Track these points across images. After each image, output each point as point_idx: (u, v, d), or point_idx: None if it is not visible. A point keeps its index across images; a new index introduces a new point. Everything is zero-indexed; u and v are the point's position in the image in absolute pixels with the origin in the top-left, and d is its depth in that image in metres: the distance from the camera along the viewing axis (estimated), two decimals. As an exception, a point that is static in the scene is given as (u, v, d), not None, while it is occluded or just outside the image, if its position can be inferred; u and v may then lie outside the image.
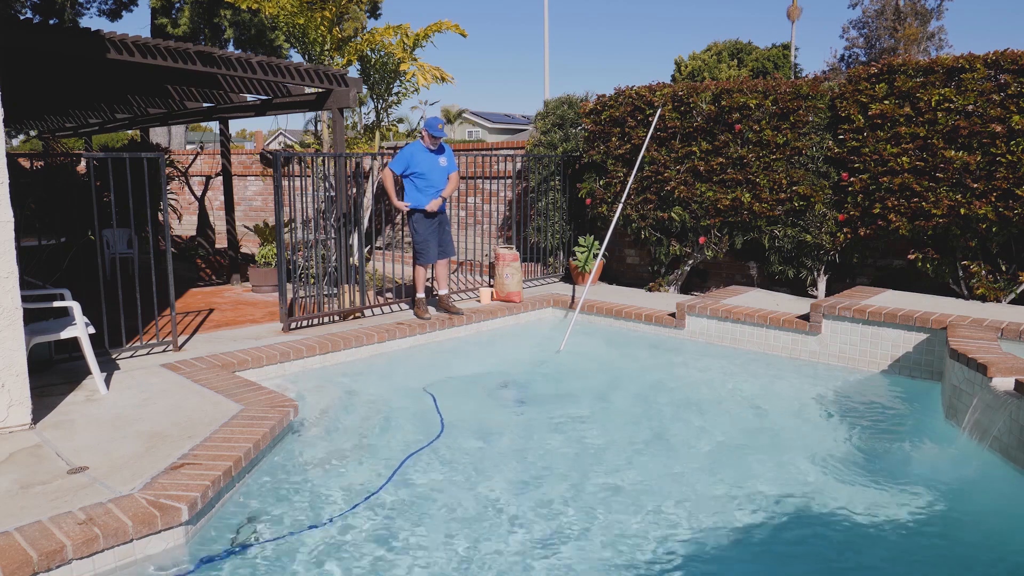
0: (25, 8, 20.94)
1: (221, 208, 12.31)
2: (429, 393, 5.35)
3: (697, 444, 4.48)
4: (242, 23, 20.87)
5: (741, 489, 3.82)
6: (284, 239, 6.27)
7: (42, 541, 2.77)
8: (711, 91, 7.68)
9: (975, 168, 6.16)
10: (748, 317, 6.43)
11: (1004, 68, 6.07)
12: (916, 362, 5.61)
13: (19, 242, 4.00)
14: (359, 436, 4.58)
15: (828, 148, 7.08)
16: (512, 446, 4.42)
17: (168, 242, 5.57)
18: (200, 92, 8.19)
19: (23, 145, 27.84)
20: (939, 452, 4.37)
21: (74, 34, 5.32)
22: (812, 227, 7.20)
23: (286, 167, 6.78)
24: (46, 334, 4.49)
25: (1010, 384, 4.12)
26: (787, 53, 41.88)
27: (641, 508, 3.60)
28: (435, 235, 6.85)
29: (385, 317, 6.92)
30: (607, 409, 5.14)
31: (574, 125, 9.20)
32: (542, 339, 7.12)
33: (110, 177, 5.26)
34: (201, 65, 6.00)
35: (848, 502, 3.66)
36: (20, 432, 3.94)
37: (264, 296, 8.26)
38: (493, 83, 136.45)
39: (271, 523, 3.40)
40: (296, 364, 5.64)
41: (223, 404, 4.39)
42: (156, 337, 5.68)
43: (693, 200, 7.80)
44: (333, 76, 6.96)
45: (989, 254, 6.43)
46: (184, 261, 10.62)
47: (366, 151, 9.21)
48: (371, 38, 8.74)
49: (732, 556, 3.22)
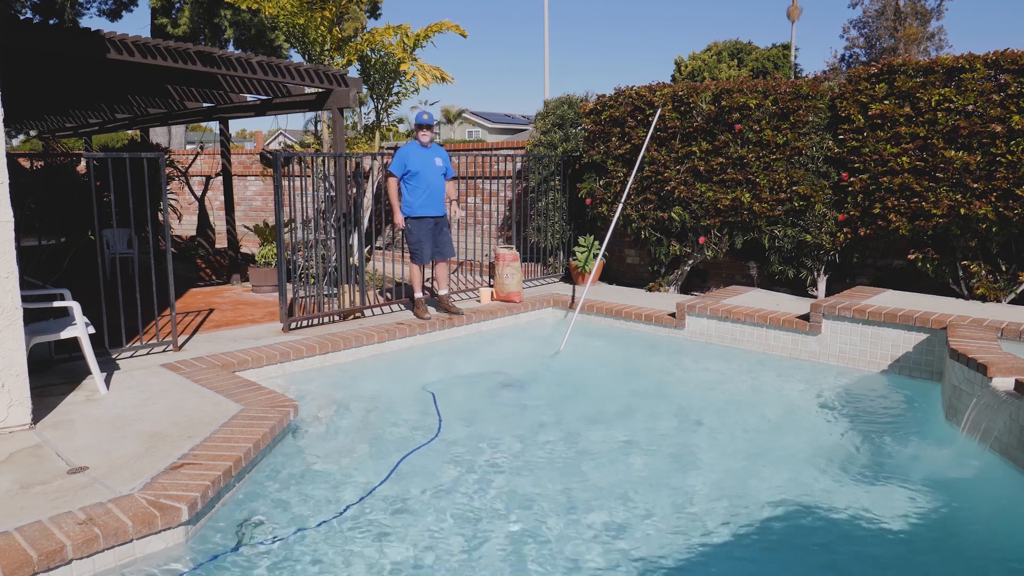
0: (25, 8, 20.94)
1: (221, 208, 12.31)
2: (429, 392, 5.35)
3: (696, 444, 4.48)
4: (242, 23, 20.87)
5: (740, 488, 3.82)
6: (284, 239, 6.27)
7: (42, 541, 2.78)
8: (711, 91, 7.68)
9: (975, 168, 6.16)
10: (748, 317, 6.43)
11: (1004, 68, 6.07)
12: (916, 362, 5.61)
13: (19, 242, 4.00)
14: (359, 436, 4.58)
15: (828, 148, 7.08)
16: (512, 446, 4.42)
17: (168, 242, 5.57)
18: (200, 92, 8.20)
19: (23, 145, 27.84)
20: (939, 452, 4.37)
21: (74, 34, 5.32)
22: (812, 227, 7.20)
23: (286, 167, 6.78)
24: (46, 334, 4.49)
25: (1010, 384, 4.12)
26: (787, 53, 41.89)
27: (638, 508, 3.60)
28: (429, 236, 6.85)
29: (385, 317, 6.92)
30: (607, 409, 5.14)
31: (574, 125, 9.20)
32: (542, 339, 7.12)
33: (110, 177, 5.26)
34: (201, 65, 6.01)
35: (848, 502, 3.66)
36: (20, 432, 3.94)
37: (264, 296, 8.26)
38: (493, 83, 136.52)
39: (271, 523, 3.40)
40: (296, 364, 5.64)
41: (223, 404, 4.39)
42: (156, 337, 5.68)
43: (693, 200, 7.80)
44: (333, 76, 6.97)
45: (989, 254, 6.43)
46: (184, 261, 10.63)
47: (366, 151, 9.21)
48: (371, 38, 8.74)
49: (730, 555, 3.22)
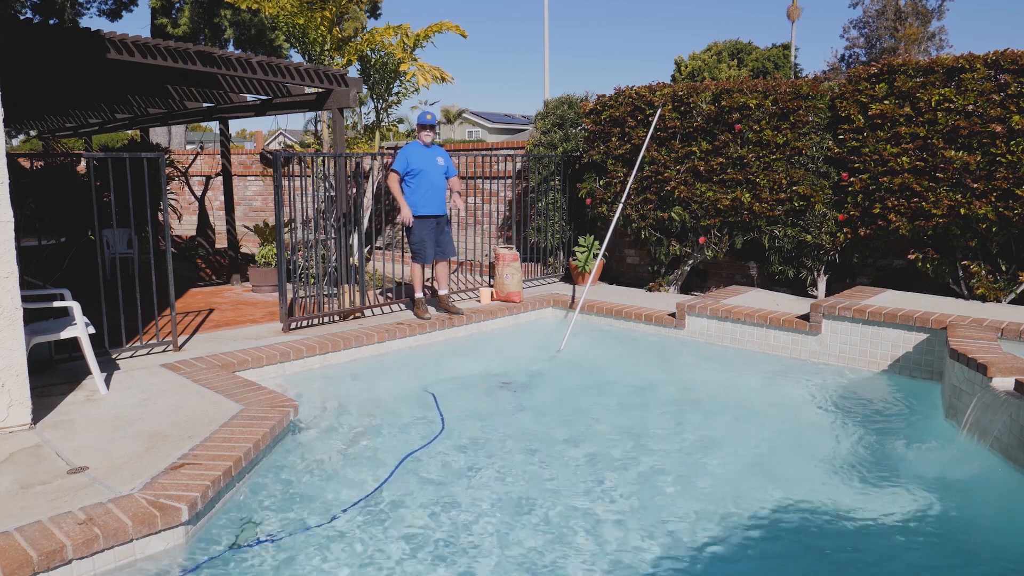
0: (25, 8, 20.94)
1: (221, 208, 12.31)
2: (430, 393, 5.35)
3: (696, 443, 4.48)
4: (242, 23, 20.87)
5: (740, 488, 3.82)
6: (284, 239, 6.27)
7: (42, 541, 2.78)
8: (711, 91, 7.68)
9: (975, 168, 6.16)
10: (748, 317, 6.43)
11: (1004, 68, 6.07)
12: (916, 362, 5.61)
13: (19, 242, 4.00)
14: (359, 436, 4.59)
15: (828, 148, 7.08)
16: (512, 446, 4.42)
17: (168, 242, 5.57)
18: (200, 92, 8.20)
19: (23, 145, 27.84)
20: (939, 452, 4.37)
21: (74, 34, 5.32)
22: (812, 227, 7.20)
23: (286, 167, 6.77)
24: (46, 334, 4.49)
25: (1010, 384, 4.12)
26: (787, 53, 41.90)
27: (636, 507, 3.60)
28: (432, 235, 6.85)
29: (385, 317, 6.92)
30: (607, 408, 5.14)
31: (574, 125, 9.20)
32: (542, 339, 7.12)
33: (110, 177, 5.26)
34: (201, 65, 6.00)
35: (848, 501, 3.66)
36: (20, 432, 3.94)
37: (264, 296, 8.26)
38: (493, 83, 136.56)
39: (271, 523, 3.40)
40: (296, 364, 5.64)
41: (223, 404, 4.39)
42: (156, 337, 5.68)
43: (693, 200, 7.80)
44: (333, 76, 6.97)
45: (989, 254, 6.43)
46: (184, 261, 10.63)
47: (366, 151, 9.21)
48: (371, 38, 8.74)
49: (730, 555, 3.22)
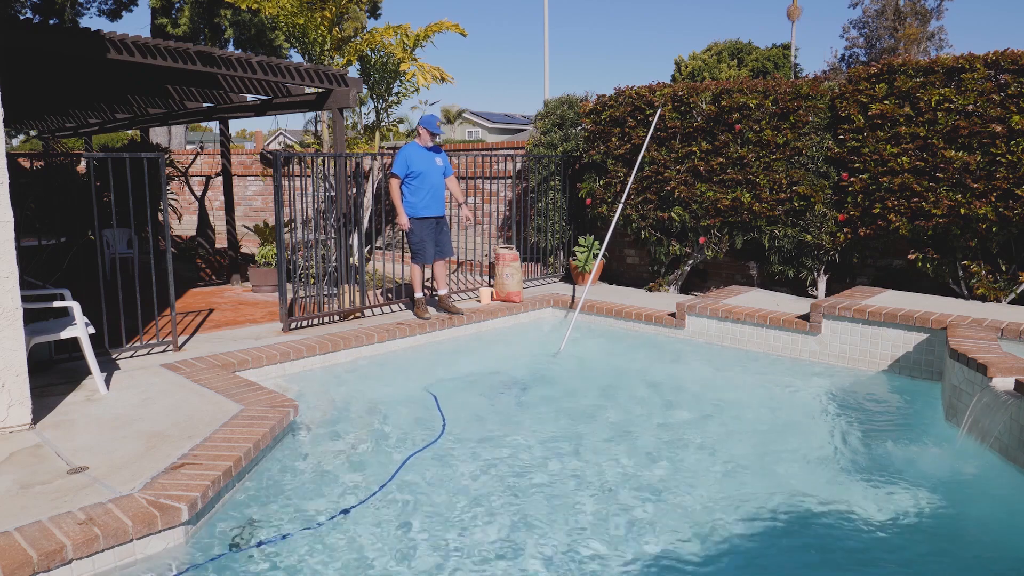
0: (25, 8, 20.94)
1: (221, 208, 12.31)
2: (431, 393, 5.35)
3: (696, 444, 4.48)
4: (242, 23, 20.87)
5: (740, 488, 3.82)
6: (284, 239, 6.27)
7: (42, 541, 2.78)
8: (711, 91, 7.68)
9: (975, 168, 6.16)
10: (748, 317, 6.43)
11: (1004, 68, 6.07)
12: (916, 362, 5.61)
13: (19, 242, 4.00)
14: (360, 436, 4.59)
15: (828, 148, 7.08)
16: (513, 446, 4.41)
17: (168, 242, 5.57)
18: (200, 92, 8.19)
19: (23, 145, 27.84)
20: (939, 452, 4.37)
21: (74, 34, 5.32)
22: (812, 227, 7.19)
23: (286, 167, 6.77)
24: (46, 334, 4.48)
25: (1010, 384, 4.12)
26: (787, 53, 41.88)
27: (635, 507, 3.60)
28: (432, 235, 6.85)
29: (385, 317, 6.92)
30: (607, 409, 5.14)
31: (574, 125, 9.20)
32: (542, 339, 7.12)
33: (110, 177, 5.27)
34: (201, 65, 6.00)
35: (847, 502, 3.65)
36: (20, 432, 3.94)
37: (264, 296, 8.26)
38: (493, 83, 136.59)
39: (271, 523, 3.39)
40: (296, 364, 5.64)
41: (223, 404, 4.39)
42: (156, 337, 5.68)
43: (693, 200, 7.80)
44: (333, 76, 6.97)
45: (989, 254, 6.43)
46: (184, 261, 10.63)
47: (366, 151, 9.21)
48: (371, 38, 8.74)
49: (730, 555, 3.22)
